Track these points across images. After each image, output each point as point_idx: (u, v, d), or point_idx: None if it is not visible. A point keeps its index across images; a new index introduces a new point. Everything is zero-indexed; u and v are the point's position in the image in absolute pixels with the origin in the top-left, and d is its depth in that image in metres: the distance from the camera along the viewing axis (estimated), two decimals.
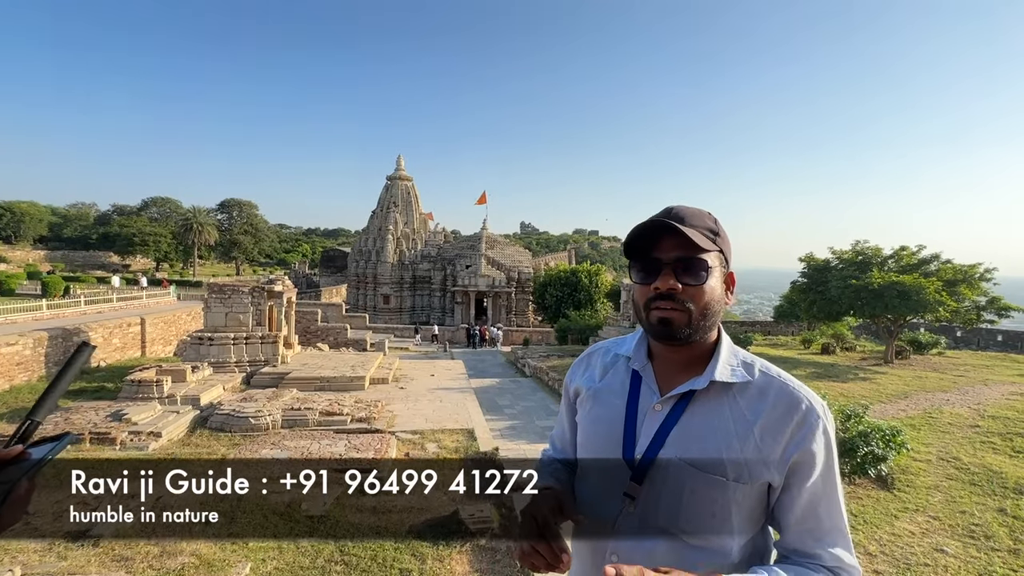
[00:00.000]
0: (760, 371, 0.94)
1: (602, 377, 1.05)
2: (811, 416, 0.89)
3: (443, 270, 34.88)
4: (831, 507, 0.89)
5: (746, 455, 0.87)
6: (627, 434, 0.95)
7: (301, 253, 71.75)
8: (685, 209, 0.93)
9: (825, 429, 0.89)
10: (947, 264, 16.78)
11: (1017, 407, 10.48)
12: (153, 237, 50.90)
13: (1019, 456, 8.00)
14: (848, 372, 14.87)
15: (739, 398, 0.92)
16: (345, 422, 9.54)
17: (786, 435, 0.88)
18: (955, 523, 6.00)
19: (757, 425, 0.89)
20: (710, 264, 0.90)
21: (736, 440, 0.88)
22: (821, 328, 21.54)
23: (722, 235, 0.94)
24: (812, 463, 0.88)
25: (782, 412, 0.89)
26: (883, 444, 6.69)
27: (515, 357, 20.15)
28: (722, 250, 0.94)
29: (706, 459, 0.88)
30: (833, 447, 0.91)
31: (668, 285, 0.89)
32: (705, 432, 0.90)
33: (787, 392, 0.91)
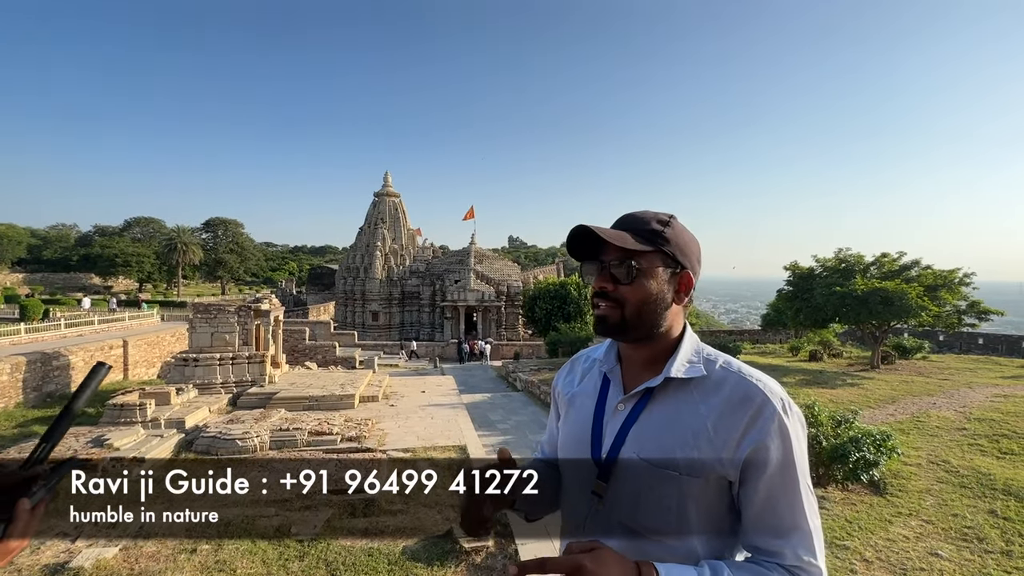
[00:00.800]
0: (721, 366, 0.94)
1: (580, 381, 1.10)
2: (767, 409, 0.87)
3: (432, 285, 34.77)
4: (793, 504, 0.87)
5: (699, 449, 0.87)
6: (594, 434, 0.99)
7: (288, 271, 71.10)
8: (636, 213, 0.98)
9: (782, 423, 0.87)
10: (927, 270, 17.16)
11: (1002, 409, 10.65)
12: (136, 258, 50.14)
13: (1006, 457, 8.10)
14: (836, 378, 15.02)
15: (695, 392, 0.92)
16: (335, 441, 9.37)
17: (739, 428, 0.87)
18: (948, 526, 6.03)
19: (711, 418, 0.89)
20: (642, 265, 0.93)
21: (690, 434, 0.89)
22: (808, 335, 21.80)
23: (671, 237, 0.94)
24: (767, 458, 0.86)
25: (736, 404, 0.88)
26: (874, 449, 6.73)
27: (506, 371, 20.05)
28: (665, 251, 0.94)
29: (660, 454, 0.89)
30: (793, 443, 0.87)
31: (599, 285, 0.95)
32: (661, 428, 0.92)
33: (743, 385, 0.90)
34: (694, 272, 0.97)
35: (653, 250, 0.93)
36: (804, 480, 0.88)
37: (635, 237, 0.93)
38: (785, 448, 0.87)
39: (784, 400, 0.89)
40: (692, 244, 0.97)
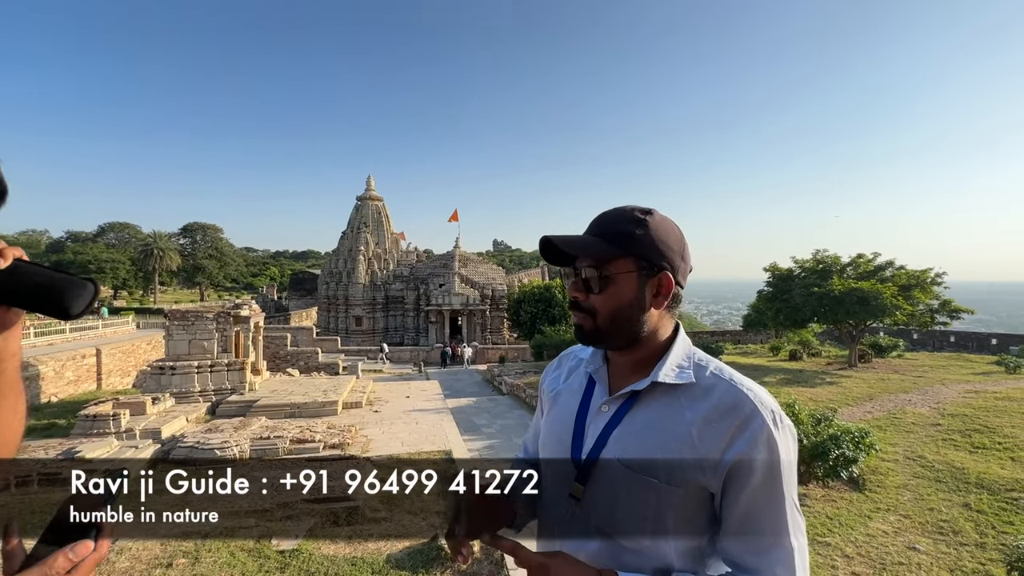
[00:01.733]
0: (712, 372, 0.90)
1: (566, 379, 1.07)
2: (755, 420, 0.83)
3: (416, 289, 34.54)
4: (775, 520, 0.82)
5: (681, 456, 0.84)
6: (576, 434, 0.95)
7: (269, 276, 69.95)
8: (608, 214, 0.93)
9: (770, 436, 0.82)
10: (901, 270, 17.62)
11: (974, 405, 10.97)
12: (111, 264, 48.83)
13: (979, 452, 8.33)
14: (816, 377, 15.31)
15: (683, 398, 0.88)
16: (317, 449, 9.22)
17: (725, 437, 0.83)
18: (925, 520, 6.17)
19: (695, 425, 0.85)
20: (611, 272, 0.89)
21: (672, 440, 0.85)
22: (788, 335, 22.19)
23: (642, 238, 0.88)
24: (751, 470, 0.82)
25: (723, 413, 0.85)
26: (853, 446, 6.87)
27: (491, 375, 19.99)
28: (637, 254, 0.88)
29: (640, 460, 0.86)
30: (781, 456, 0.83)
31: (571, 294, 0.93)
32: (643, 433, 0.88)
33: (733, 392, 0.86)
34: (676, 270, 0.90)
35: (622, 255, 0.88)
36: (791, 496, 0.84)
37: (605, 241, 0.88)
38: (772, 461, 0.82)
39: (775, 412, 0.85)
40: (671, 241, 0.91)
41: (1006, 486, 6.85)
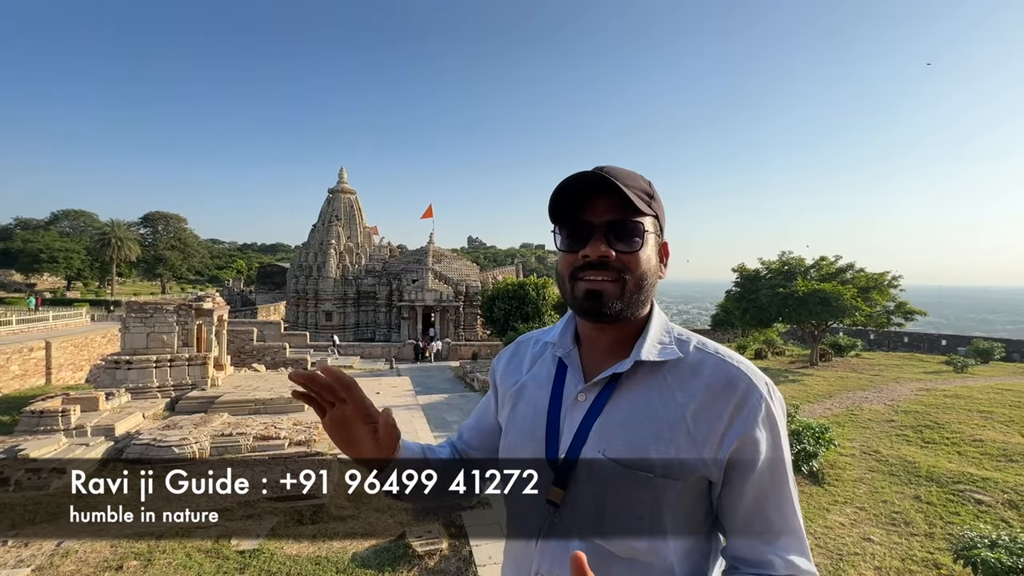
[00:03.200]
0: (696, 347, 0.82)
1: (529, 369, 0.94)
2: (753, 395, 0.76)
3: (389, 285, 34.07)
4: (782, 505, 0.76)
5: (677, 445, 0.75)
6: (550, 430, 0.83)
7: (236, 269, 67.84)
8: (617, 168, 0.81)
9: (770, 411, 0.76)
10: (861, 273, 18.36)
11: (925, 402, 11.51)
12: (64, 253, 46.37)
13: (929, 447, 8.74)
14: (779, 375, 15.79)
15: (670, 378, 0.79)
16: (282, 446, 8.97)
17: (724, 419, 0.75)
18: (879, 512, 6.42)
19: (689, 408, 0.76)
20: (646, 229, 0.80)
21: (666, 428, 0.76)
22: (754, 335, 22.83)
23: (657, 199, 0.83)
24: (756, 452, 0.74)
25: (718, 391, 0.76)
26: (814, 442, 7.09)
27: (463, 372, 19.89)
28: (657, 216, 0.82)
29: (632, 453, 0.76)
30: (782, 432, 0.77)
31: (599, 252, 0.77)
32: (631, 421, 0.78)
33: (724, 368, 0.78)
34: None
35: (651, 213, 0.81)
36: (791, 475, 0.78)
37: (639, 197, 0.79)
38: (774, 440, 0.76)
39: (768, 384, 0.79)
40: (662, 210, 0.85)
41: (953, 479, 7.20)
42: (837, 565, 5.21)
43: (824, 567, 5.17)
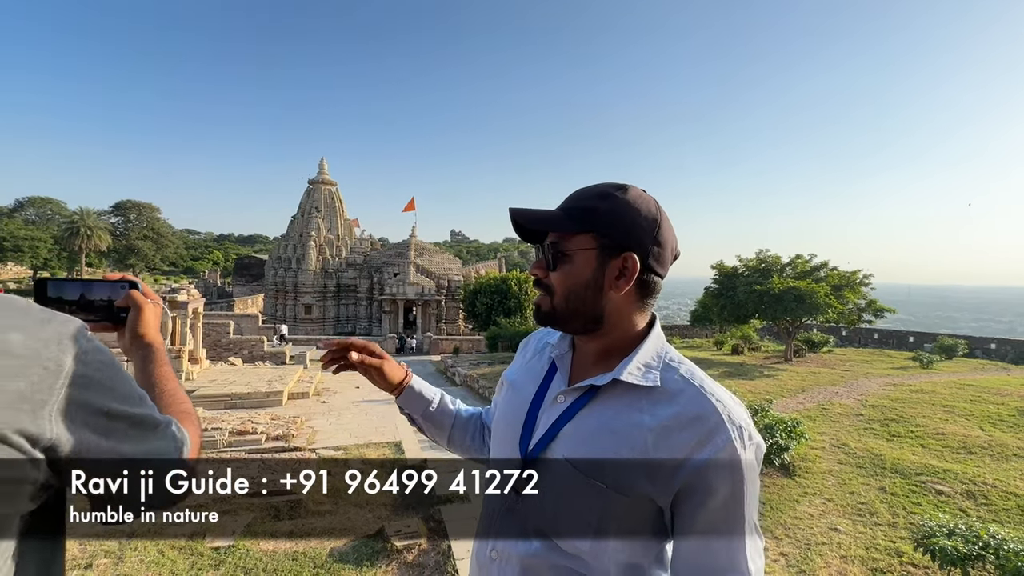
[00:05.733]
0: (681, 375, 0.82)
1: (529, 361, 1.00)
2: (720, 435, 0.74)
3: (370, 278, 33.74)
4: (731, 545, 0.75)
5: (632, 464, 0.76)
6: (527, 423, 0.88)
7: (212, 261, 66.31)
8: (582, 189, 0.87)
9: (733, 454, 0.74)
10: (834, 271, 18.87)
11: (892, 396, 11.92)
12: (29, 242, 44.71)
13: (894, 440, 9.07)
14: (755, 370, 16.17)
15: (644, 400, 0.80)
16: (259, 441, 8.85)
17: (681, 450, 0.75)
18: (846, 503, 6.65)
19: (653, 431, 0.77)
20: (568, 248, 0.83)
21: (625, 446, 0.77)
22: (731, 331, 23.31)
23: (606, 213, 0.82)
24: (708, 490, 0.74)
25: (685, 422, 0.76)
26: (786, 435, 7.29)
27: (445, 366, 19.86)
28: (600, 231, 0.82)
29: (589, 461, 0.78)
30: (745, 476, 0.75)
31: (533, 271, 0.88)
32: (596, 432, 0.81)
33: (699, 401, 0.78)
34: (645, 253, 0.82)
35: (583, 230, 0.82)
36: (751, 519, 0.76)
37: (567, 216, 0.82)
38: (733, 483, 0.74)
39: (743, 428, 0.76)
40: (641, 220, 0.82)
41: (916, 470, 7.49)
42: (805, 554, 5.39)
43: (792, 556, 5.35)
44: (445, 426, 1.09)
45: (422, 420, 1.08)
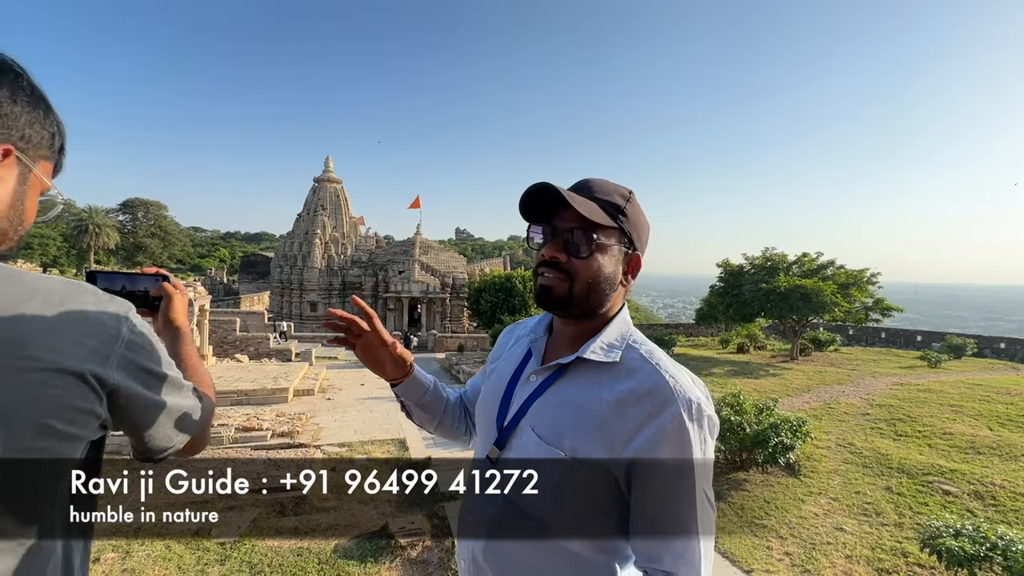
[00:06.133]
0: (641, 354, 0.88)
1: (511, 347, 1.08)
2: (669, 409, 0.79)
3: (375, 276, 33.84)
4: (681, 514, 0.79)
5: (588, 436, 0.83)
6: (503, 400, 0.97)
7: (219, 258, 66.73)
8: (597, 181, 0.91)
9: (682, 427, 0.79)
10: (841, 269, 18.73)
11: (899, 396, 11.83)
12: (39, 239, 45.23)
13: (901, 439, 9.01)
14: (760, 369, 16.09)
15: (605, 377, 0.87)
16: (265, 438, 8.90)
17: (634, 422, 0.80)
18: (851, 503, 6.61)
19: (610, 404, 0.83)
20: (602, 240, 0.87)
21: (584, 418, 0.84)
22: (737, 329, 23.20)
23: (630, 215, 0.90)
24: (657, 462, 0.79)
25: (638, 397, 0.82)
26: (791, 434, 7.25)
27: (449, 363, 19.90)
28: (624, 229, 0.89)
29: (551, 431, 0.86)
30: (693, 449, 0.79)
31: (552, 253, 0.88)
32: (560, 405, 0.88)
33: (654, 378, 0.83)
34: (643, 254, 0.94)
35: (614, 226, 0.88)
36: (701, 490, 0.80)
37: (603, 209, 0.88)
38: (681, 454, 0.79)
39: (695, 403, 0.81)
40: (645, 226, 0.93)
41: (923, 470, 7.44)
42: (810, 554, 5.37)
43: (797, 555, 5.33)
44: (436, 412, 1.15)
45: (415, 407, 1.13)
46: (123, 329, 0.68)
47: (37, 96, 0.67)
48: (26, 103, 0.65)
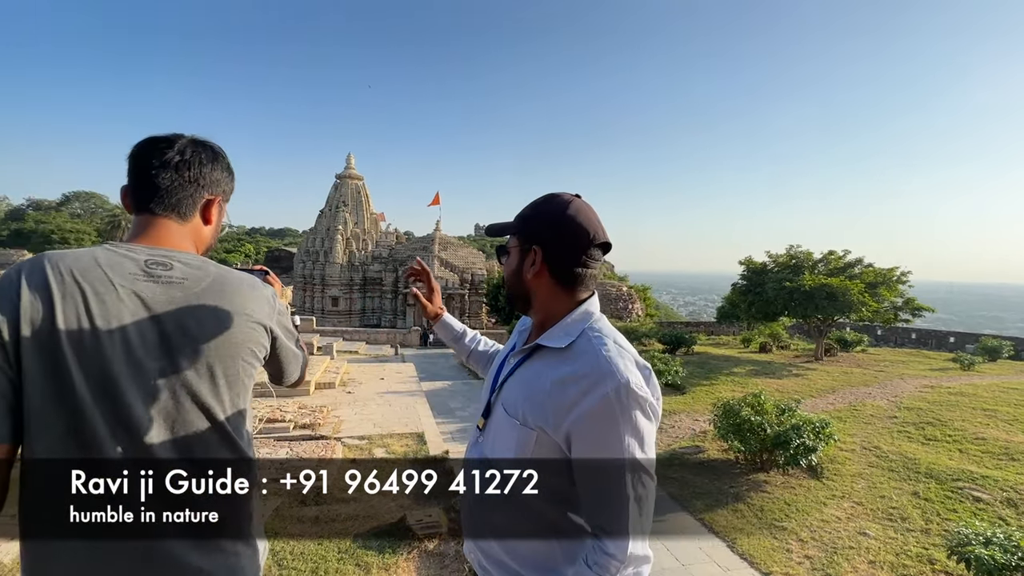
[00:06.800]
0: (593, 339, 0.98)
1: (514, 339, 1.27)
2: (603, 385, 0.89)
3: (395, 271, 34.20)
4: (610, 488, 0.89)
5: (536, 408, 0.96)
6: (493, 379, 1.16)
7: (244, 253, 68.24)
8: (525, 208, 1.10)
9: (609, 404, 0.88)
10: (869, 268, 18.18)
11: (928, 398, 11.47)
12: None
13: (930, 443, 8.74)
14: (783, 369, 15.77)
15: (557, 359, 1.00)
16: (287, 429, 9.10)
17: (571, 399, 0.91)
18: (876, 507, 6.45)
19: (554, 382, 0.95)
20: (508, 247, 1.11)
21: (536, 394, 0.97)
22: (759, 328, 22.75)
23: (529, 218, 1.06)
24: (588, 436, 0.90)
25: (578, 377, 0.92)
26: (813, 436, 7.10)
27: None
28: (520, 232, 1.07)
29: (512, 403, 1.02)
30: (621, 426, 0.88)
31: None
32: (521, 383, 1.03)
33: (595, 359, 0.93)
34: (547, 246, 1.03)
35: (513, 233, 1.09)
36: (631, 455, 0.89)
37: (511, 223, 1.10)
38: (610, 428, 0.88)
39: (628, 383, 0.89)
40: (550, 221, 1.03)
41: (952, 476, 7.21)
42: (831, 558, 5.26)
43: (818, 559, 5.23)
44: (463, 352, 1.54)
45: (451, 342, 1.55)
46: (275, 301, 1.09)
47: (229, 165, 1.12)
48: (225, 171, 1.10)
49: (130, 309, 0.89)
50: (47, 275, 0.86)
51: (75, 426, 0.84)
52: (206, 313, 0.94)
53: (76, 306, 0.85)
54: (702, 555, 5.33)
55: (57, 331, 0.83)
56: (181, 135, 1.04)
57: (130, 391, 0.86)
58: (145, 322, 0.89)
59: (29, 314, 0.83)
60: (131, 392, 0.86)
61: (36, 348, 0.82)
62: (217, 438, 0.95)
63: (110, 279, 0.89)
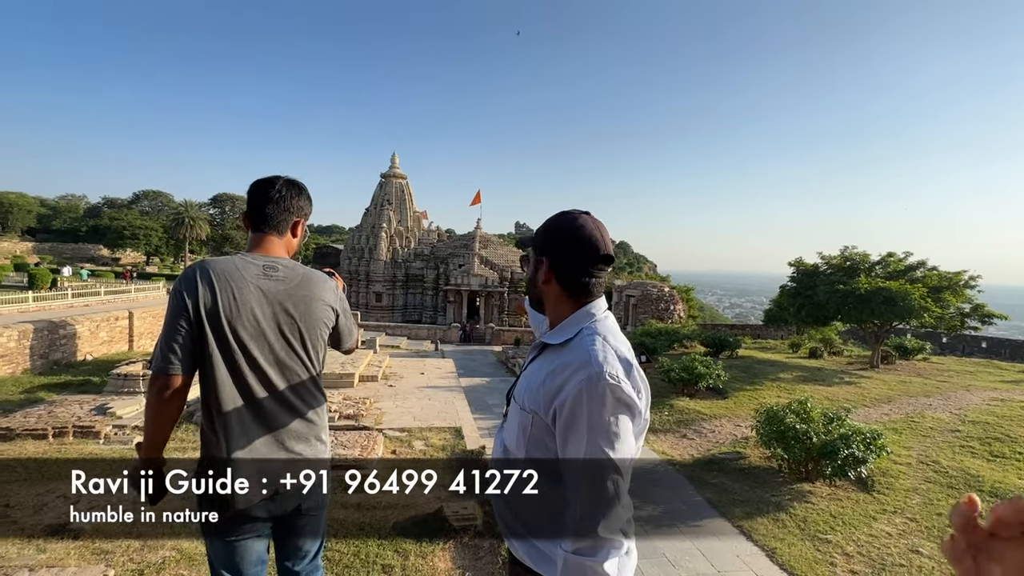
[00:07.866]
0: (586, 335, 1.12)
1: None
2: (579, 374, 1.03)
3: (436, 269, 34.84)
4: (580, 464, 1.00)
5: (532, 395, 1.12)
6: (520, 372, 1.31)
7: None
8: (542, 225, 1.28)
9: (581, 390, 1.02)
10: (932, 271, 17.01)
11: (997, 412, 10.66)
12: (144, 231, 50.44)
13: (997, 460, 8.15)
14: (834, 376, 15.04)
15: (555, 354, 1.15)
16: (333, 419, 9.51)
17: (558, 382, 1.06)
18: (931, 525, 6.11)
19: (547, 372, 1.11)
20: (528, 256, 1.29)
21: (533, 383, 1.13)
22: (809, 332, 21.74)
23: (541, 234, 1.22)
24: (565, 415, 1.03)
25: (564, 367, 1.07)
26: (863, 447, 6.79)
27: (505, 357, 20.19)
28: (534, 245, 1.24)
29: (520, 394, 1.18)
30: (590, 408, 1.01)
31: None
32: (529, 375, 1.19)
33: (580, 354, 1.07)
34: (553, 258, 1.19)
35: (532, 246, 1.25)
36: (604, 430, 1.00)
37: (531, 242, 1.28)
38: (581, 411, 1.01)
39: (601, 371, 1.02)
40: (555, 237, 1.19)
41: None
42: (879, 574, 5.04)
43: (864, 575, 5.02)
44: None
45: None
46: (338, 291, 1.60)
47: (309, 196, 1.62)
48: (306, 200, 1.60)
49: (255, 297, 1.41)
50: (211, 275, 1.37)
51: (230, 365, 1.38)
52: (299, 299, 1.46)
53: (228, 295, 1.37)
54: (739, 563, 5.22)
55: (218, 310, 1.35)
56: (279, 177, 1.55)
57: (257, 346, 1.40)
58: (264, 305, 1.41)
59: (203, 299, 1.35)
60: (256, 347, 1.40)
61: (208, 319, 1.35)
62: (307, 375, 1.48)
63: (245, 277, 1.41)
